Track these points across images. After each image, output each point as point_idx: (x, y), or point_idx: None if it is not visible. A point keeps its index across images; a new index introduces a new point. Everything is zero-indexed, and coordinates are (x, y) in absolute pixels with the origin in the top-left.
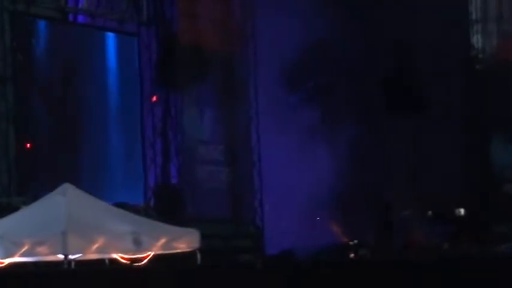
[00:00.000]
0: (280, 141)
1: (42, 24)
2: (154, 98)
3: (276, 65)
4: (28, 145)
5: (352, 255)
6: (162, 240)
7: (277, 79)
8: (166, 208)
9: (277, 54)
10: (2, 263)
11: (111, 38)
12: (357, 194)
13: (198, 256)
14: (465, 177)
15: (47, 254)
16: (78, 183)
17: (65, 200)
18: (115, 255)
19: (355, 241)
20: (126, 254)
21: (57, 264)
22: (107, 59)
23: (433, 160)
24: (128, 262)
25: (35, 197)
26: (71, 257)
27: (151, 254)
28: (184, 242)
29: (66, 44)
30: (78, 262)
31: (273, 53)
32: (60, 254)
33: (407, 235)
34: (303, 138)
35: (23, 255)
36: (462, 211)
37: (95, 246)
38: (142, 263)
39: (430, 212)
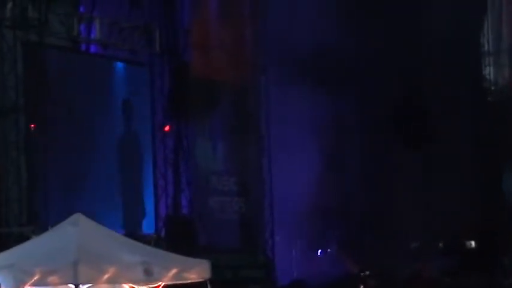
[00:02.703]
0: (291, 172)
1: (54, 54)
2: (166, 128)
3: (287, 96)
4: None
5: (361, 286)
6: (173, 271)
7: (289, 110)
8: (177, 238)
9: (289, 86)
10: None
11: (124, 68)
12: (368, 225)
13: (209, 287)
14: (476, 208)
15: (57, 284)
16: (89, 213)
17: (76, 230)
18: (126, 286)
19: (367, 272)
20: (136, 284)
21: None
22: (119, 89)
23: (444, 191)
24: None
25: (46, 227)
26: (81, 286)
27: (162, 284)
28: (195, 272)
29: (79, 74)
30: None
31: (284, 84)
32: (71, 283)
33: (417, 266)
34: (314, 169)
35: (33, 284)
36: (473, 243)
37: (106, 276)
38: None
39: (440, 244)
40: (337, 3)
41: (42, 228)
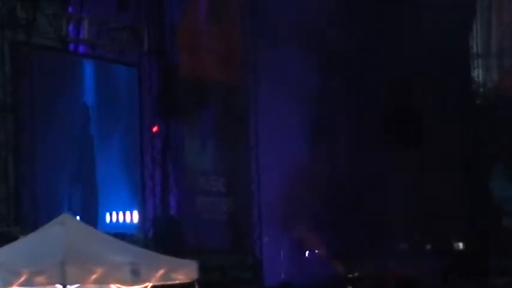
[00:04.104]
0: (279, 172)
1: (43, 54)
2: (155, 129)
3: (276, 96)
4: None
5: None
6: (161, 272)
7: (278, 110)
8: (164, 239)
9: (278, 86)
10: None
11: (113, 68)
12: (357, 226)
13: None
14: (466, 209)
15: (45, 284)
16: (77, 213)
17: (64, 230)
18: (113, 286)
19: (356, 274)
20: (124, 284)
21: None
22: (107, 88)
23: (433, 194)
24: None
25: (33, 227)
26: (69, 287)
27: (150, 285)
28: (183, 273)
29: (67, 74)
30: None
31: (273, 85)
32: (58, 284)
33: (395, 267)
34: (302, 170)
35: (21, 284)
36: (461, 245)
37: (93, 276)
38: None
39: (428, 245)
40: (329, 4)
41: (29, 229)
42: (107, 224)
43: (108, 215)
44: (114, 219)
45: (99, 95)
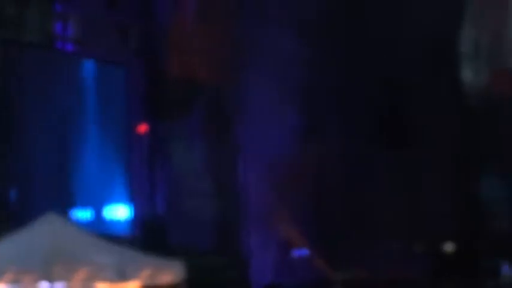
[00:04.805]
0: (268, 172)
1: (31, 51)
2: (143, 128)
3: (265, 96)
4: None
5: None
6: (147, 272)
7: (266, 110)
8: (151, 239)
9: (267, 86)
10: None
11: (100, 67)
12: (347, 227)
13: None
14: (455, 211)
15: (30, 283)
16: (64, 212)
17: (50, 229)
18: (99, 286)
19: (346, 274)
20: (110, 284)
21: None
22: (96, 87)
23: (423, 194)
24: None
25: (20, 226)
26: (54, 286)
27: (136, 285)
28: (169, 274)
29: (54, 72)
30: None
31: (262, 84)
32: (44, 282)
33: (385, 267)
34: (291, 170)
35: (6, 283)
36: (451, 245)
37: (79, 276)
38: None
39: (419, 246)
40: (319, 4)
41: (16, 227)
42: (93, 222)
43: (95, 213)
44: (101, 217)
45: (88, 94)
